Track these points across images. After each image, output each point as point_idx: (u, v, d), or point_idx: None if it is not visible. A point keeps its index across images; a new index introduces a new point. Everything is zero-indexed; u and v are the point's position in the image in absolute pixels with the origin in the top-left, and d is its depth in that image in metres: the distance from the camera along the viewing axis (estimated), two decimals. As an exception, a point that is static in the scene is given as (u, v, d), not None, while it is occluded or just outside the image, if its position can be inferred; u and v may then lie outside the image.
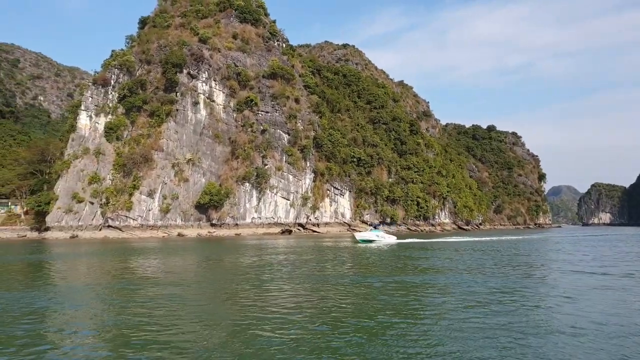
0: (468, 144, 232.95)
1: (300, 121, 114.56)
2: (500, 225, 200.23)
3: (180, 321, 14.75)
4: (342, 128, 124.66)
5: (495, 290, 20.47)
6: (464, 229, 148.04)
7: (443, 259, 37.69)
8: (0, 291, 21.31)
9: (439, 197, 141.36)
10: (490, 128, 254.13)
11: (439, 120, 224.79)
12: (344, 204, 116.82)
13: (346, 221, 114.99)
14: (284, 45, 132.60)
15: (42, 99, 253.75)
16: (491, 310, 15.88)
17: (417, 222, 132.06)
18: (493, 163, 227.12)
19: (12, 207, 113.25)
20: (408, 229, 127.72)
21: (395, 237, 65.96)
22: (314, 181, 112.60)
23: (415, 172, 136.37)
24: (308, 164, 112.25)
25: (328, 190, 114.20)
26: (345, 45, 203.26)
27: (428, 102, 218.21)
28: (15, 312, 16.29)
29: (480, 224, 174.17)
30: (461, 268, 29.79)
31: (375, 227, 71.93)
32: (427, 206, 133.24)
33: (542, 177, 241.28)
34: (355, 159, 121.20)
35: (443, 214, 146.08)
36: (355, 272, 27.90)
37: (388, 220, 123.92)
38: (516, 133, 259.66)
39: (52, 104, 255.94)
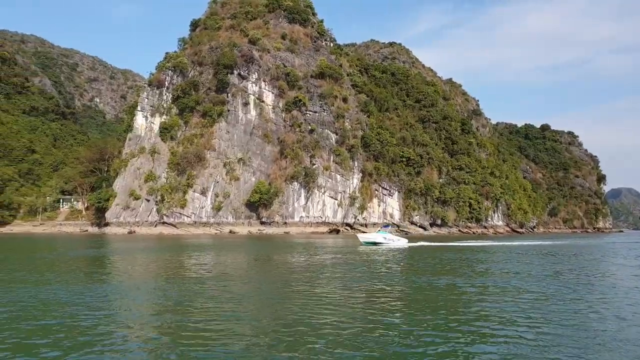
0: (520, 143, 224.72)
1: (348, 120, 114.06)
2: (555, 228, 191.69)
3: (238, 319, 14.51)
4: (390, 127, 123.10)
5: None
6: (517, 232, 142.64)
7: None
8: (69, 285, 22.00)
9: (492, 199, 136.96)
10: (544, 127, 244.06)
11: (489, 119, 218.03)
12: (393, 204, 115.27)
13: (395, 222, 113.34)
14: (332, 45, 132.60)
15: (98, 100, 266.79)
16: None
17: (469, 225, 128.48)
18: (547, 164, 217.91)
19: (75, 203, 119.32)
20: (460, 231, 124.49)
21: (406, 240, 59.17)
22: (361, 181, 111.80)
23: (467, 172, 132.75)
24: (356, 164, 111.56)
25: (376, 190, 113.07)
26: (391, 44, 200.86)
27: (478, 100, 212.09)
28: (80, 305, 16.61)
29: (534, 227, 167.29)
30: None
31: (384, 228, 65.06)
32: (479, 208, 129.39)
33: (601, 178, 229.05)
34: (404, 159, 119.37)
35: (496, 216, 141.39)
36: (407, 273, 27.03)
37: (439, 221, 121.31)
38: (572, 132, 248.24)
39: (107, 105, 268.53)
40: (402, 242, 56.92)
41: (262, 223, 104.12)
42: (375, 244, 54.71)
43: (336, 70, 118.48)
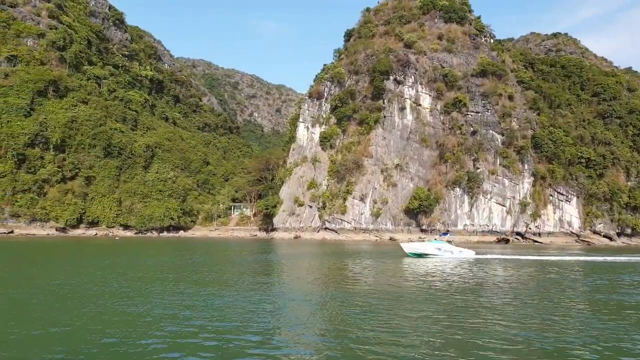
0: None
1: (515, 120, 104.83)
2: None
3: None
4: (564, 125, 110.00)
5: None
6: None
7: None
8: (245, 292, 21.84)
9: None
10: None
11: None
12: (571, 211, 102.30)
13: (574, 231, 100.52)
14: (492, 41, 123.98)
15: (256, 115, 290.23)
16: None
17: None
18: None
19: (244, 209, 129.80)
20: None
21: (473, 252, 47.42)
22: (533, 185, 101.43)
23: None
24: (526, 167, 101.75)
25: (551, 195, 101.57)
26: (555, 35, 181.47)
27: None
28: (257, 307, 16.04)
29: None
30: None
31: (442, 236, 54.46)
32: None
33: None
34: (583, 160, 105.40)
35: None
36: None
37: (628, 230, 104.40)
38: None
39: (264, 119, 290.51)
40: (467, 254, 45.79)
41: (422, 231, 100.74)
42: (424, 255, 45.03)
43: (499, 67, 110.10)
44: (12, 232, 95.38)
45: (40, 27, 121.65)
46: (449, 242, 48.37)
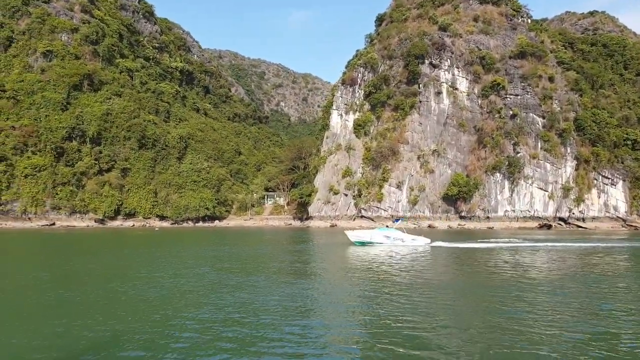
0: None
1: (556, 102, 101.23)
2: None
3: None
4: (608, 106, 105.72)
5: None
6: None
7: None
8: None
9: None
10: None
11: None
12: (617, 195, 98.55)
13: (620, 216, 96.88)
14: (529, 21, 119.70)
15: (283, 104, 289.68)
16: None
17: None
18: None
19: (277, 198, 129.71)
20: None
21: (428, 240, 41.20)
22: (576, 169, 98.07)
23: None
24: (569, 150, 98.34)
25: (595, 179, 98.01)
26: (592, 13, 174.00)
27: None
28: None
29: None
30: None
31: (395, 223, 47.68)
32: None
33: None
34: (629, 142, 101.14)
35: None
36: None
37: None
38: None
39: (291, 109, 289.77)
40: (420, 242, 40.37)
41: (461, 217, 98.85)
42: (368, 243, 40.70)
43: (538, 47, 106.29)
44: (53, 224, 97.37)
45: (73, 22, 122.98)
46: (400, 229, 43.83)
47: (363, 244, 40.84)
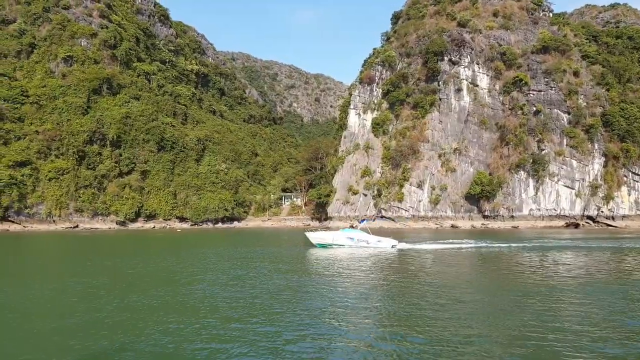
0: None
1: (582, 97, 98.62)
2: None
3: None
4: (636, 100, 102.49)
5: None
6: None
7: None
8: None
9: None
10: None
11: None
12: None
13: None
14: (551, 15, 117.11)
15: (295, 105, 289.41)
16: None
17: None
18: None
19: (294, 199, 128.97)
20: None
21: (395, 242, 38.74)
22: (604, 166, 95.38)
23: None
24: (596, 146, 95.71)
25: (625, 176, 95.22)
26: (613, 5, 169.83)
27: None
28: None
29: None
30: None
31: (360, 224, 45.53)
32: None
33: None
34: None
35: None
36: None
37: None
38: None
39: (304, 109, 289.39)
40: (385, 244, 38.02)
41: (484, 217, 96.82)
42: (334, 246, 38.58)
43: (562, 41, 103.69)
44: (77, 226, 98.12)
45: (92, 27, 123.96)
46: (365, 230, 41.32)
47: (324, 246, 38.81)
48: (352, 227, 49.35)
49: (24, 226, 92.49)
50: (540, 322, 12.75)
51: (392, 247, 37.88)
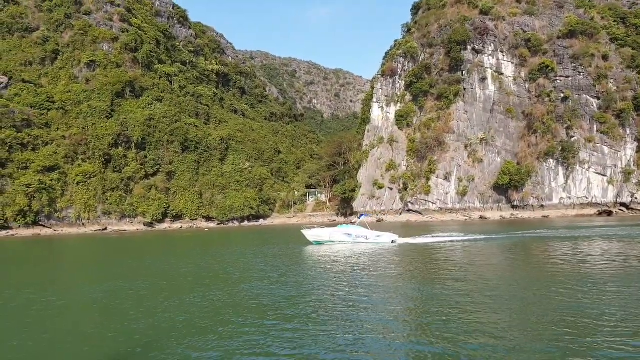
0: None
1: (612, 81, 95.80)
2: None
3: None
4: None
5: None
6: None
7: None
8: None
9: None
10: None
11: None
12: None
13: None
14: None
15: (315, 102, 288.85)
16: None
17: None
18: None
19: (319, 195, 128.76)
20: None
21: (395, 236, 37.73)
22: (638, 151, 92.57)
23: None
24: (628, 131, 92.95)
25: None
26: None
27: None
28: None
29: None
30: None
31: (360, 218, 43.93)
32: None
33: None
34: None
35: None
36: None
37: None
38: None
39: (324, 105, 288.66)
40: (385, 239, 37.12)
41: (513, 207, 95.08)
42: (332, 242, 37.53)
43: (589, 25, 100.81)
44: (105, 228, 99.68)
45: (113, 32, 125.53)
46: (364, 225, 40.22)
47: (321, 243, 37.86)
48: (351, 222, 48.74)
49: (55, 230, 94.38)
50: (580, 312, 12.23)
51: (392, 242, 36.97)
